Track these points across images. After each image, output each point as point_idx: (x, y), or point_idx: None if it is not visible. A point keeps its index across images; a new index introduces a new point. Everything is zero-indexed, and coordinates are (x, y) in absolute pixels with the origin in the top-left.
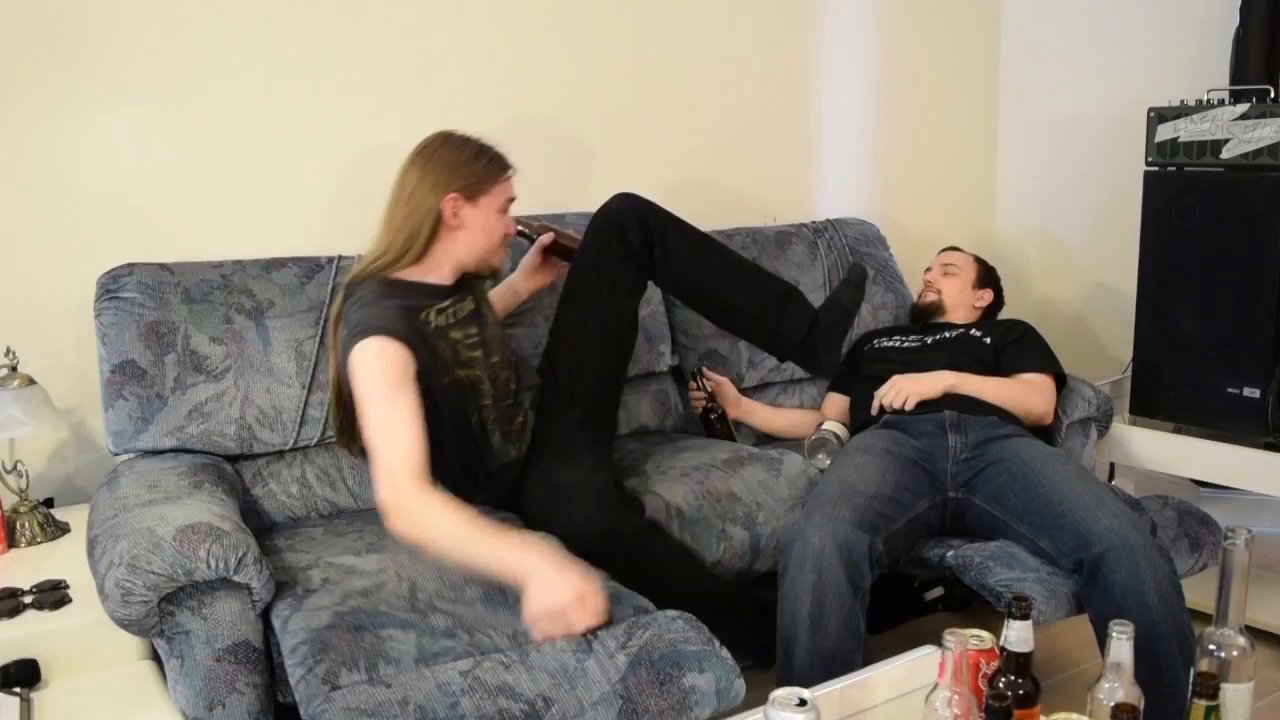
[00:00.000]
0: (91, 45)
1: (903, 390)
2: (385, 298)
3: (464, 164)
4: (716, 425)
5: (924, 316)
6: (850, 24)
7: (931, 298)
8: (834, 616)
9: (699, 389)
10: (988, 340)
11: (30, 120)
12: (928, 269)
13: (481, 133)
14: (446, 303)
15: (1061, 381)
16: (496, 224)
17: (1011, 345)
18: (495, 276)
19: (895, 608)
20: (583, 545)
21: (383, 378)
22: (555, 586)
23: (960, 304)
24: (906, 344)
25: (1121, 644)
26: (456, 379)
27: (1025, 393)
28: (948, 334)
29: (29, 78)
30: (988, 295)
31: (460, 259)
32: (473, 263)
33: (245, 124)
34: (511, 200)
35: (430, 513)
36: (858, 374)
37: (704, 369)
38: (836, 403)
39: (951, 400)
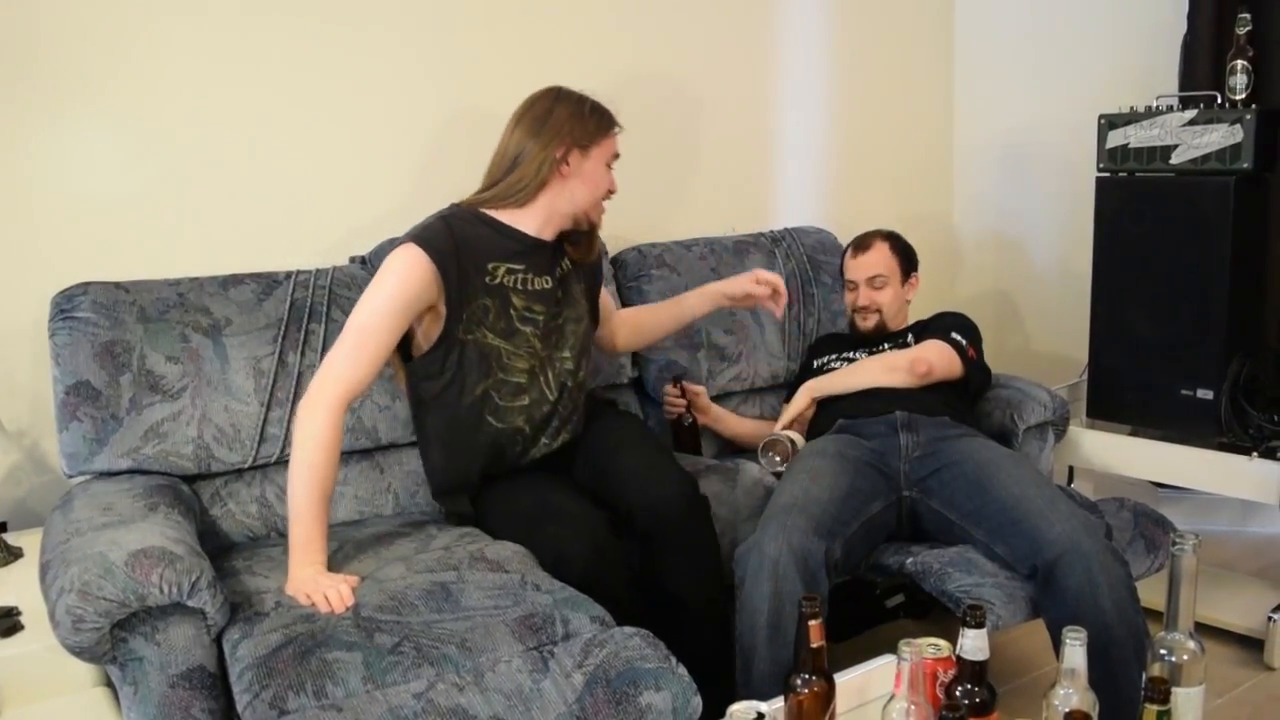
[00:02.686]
0: (47, 64)
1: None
2: (467, 224)
3: (580, 117)
4: (685, 435)
5: (865, 335)
6: (806, 34)
7: (872, 321)
8: (792, 625)
9: (680, 395)
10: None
11: None
12: (851, 286)
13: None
14: (521, 266)
15: (960, 350)
16: (603, 177)
17: (929, 330)
18: (592, 234)
19: (857, 615)
20: (668, 514)
21: (392, 291)
22: (297, 588)
23: (898, 311)
24: (841, 365)
25: (1075, 650)
26: (484, 342)
27: (897, 361)
28: (886, 348)
29: None
30: (915, 281)
31: (562, 210)
32: (572, 214)
33: (201, 140)
34: (616, 156)
35: (307, 439)
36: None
37: (683, 380)
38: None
39: (902, 401)
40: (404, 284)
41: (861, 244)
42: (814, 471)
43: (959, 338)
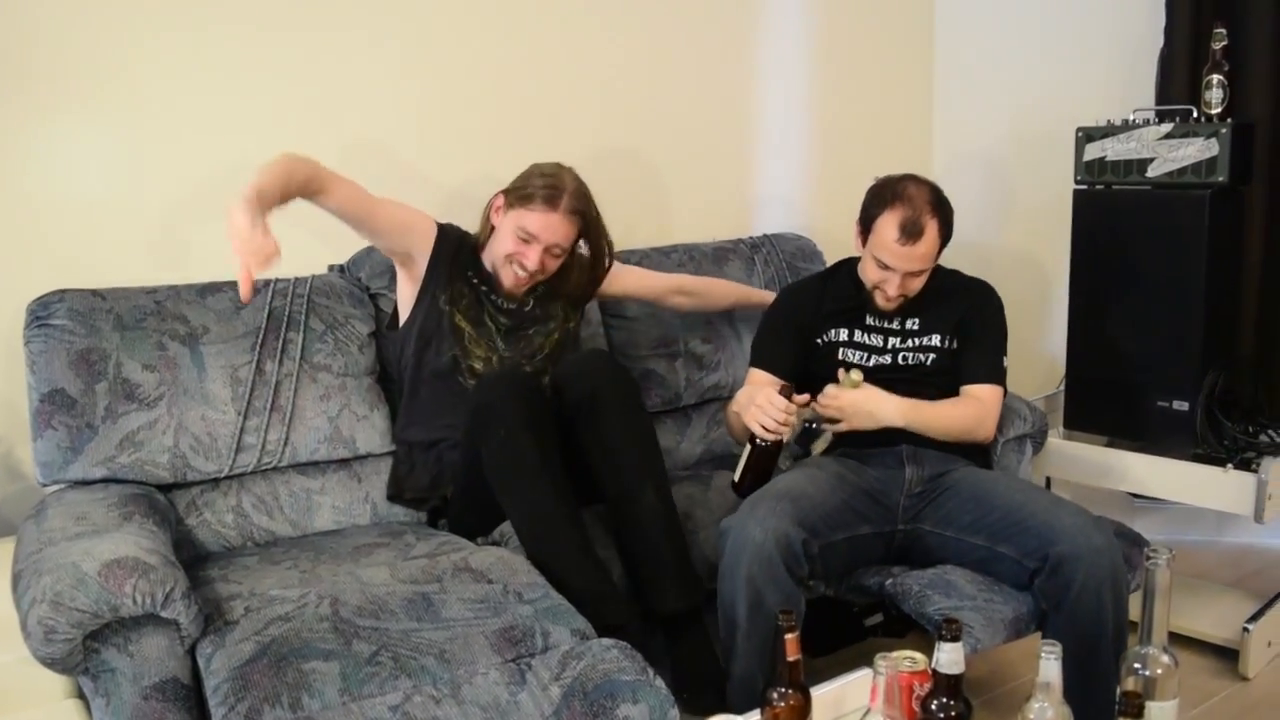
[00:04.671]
0: (24, 72)
1: (849, 422)
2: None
3: (524, 177)
4: (766, 461)
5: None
6: (786, 44)
7: (896, 304)
8: (773, 596)
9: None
10: (955, 346)
11: None
12: (882, 265)
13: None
14: (489, 288)
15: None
16: (507, 238)
17: (972, 342)
18: (514, 297)
19: (835, 634)
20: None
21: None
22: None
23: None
24: (874, 361)
25: (1050, 664)
26: (454, 321)
27: (975, 421)
28: (922, 355)
29: None
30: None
31: (490, 260)
32: (491, 266)
33: (179, 147)
34: (532, 236)
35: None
36: (810, 370)
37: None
38: (768, 380)
39: (908, 433)
40: (415, 213)
41: (913, 229)
42: (813, 477)
43: (1005, 365)
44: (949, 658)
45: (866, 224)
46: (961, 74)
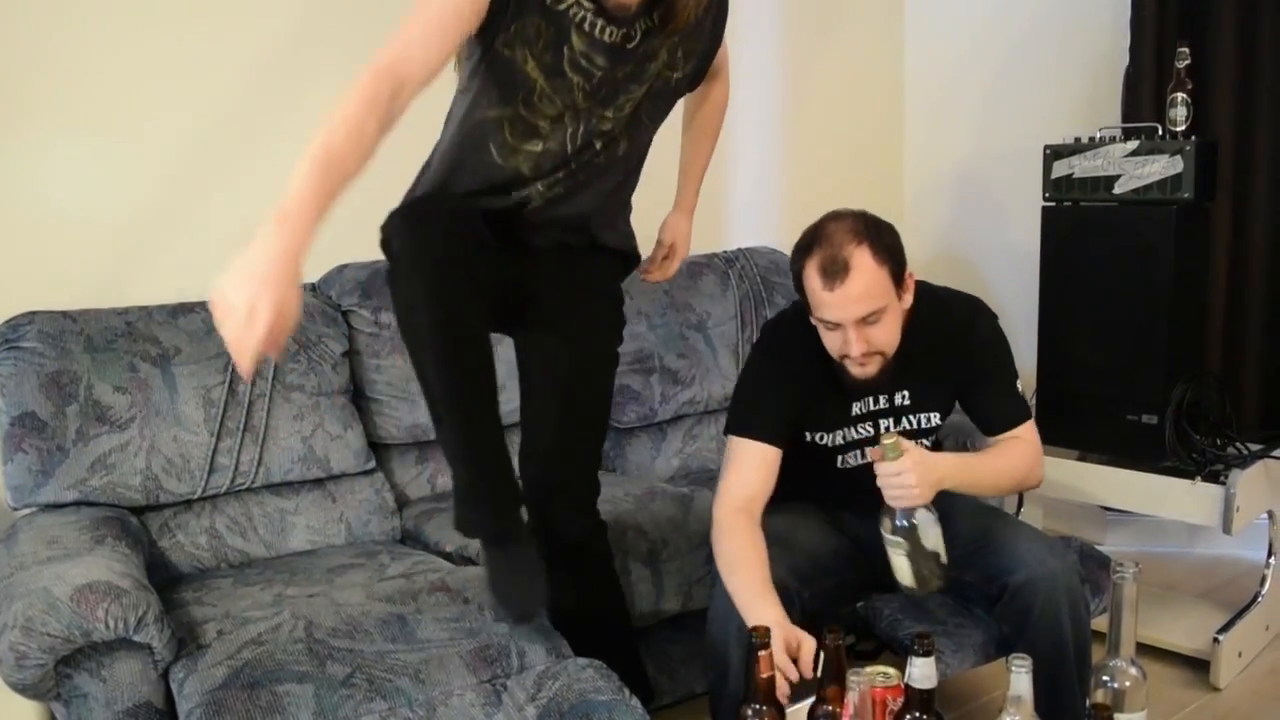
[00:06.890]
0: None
1: (913, 497)
2: None
3: None
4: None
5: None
6: (758, 59)
7: (875, 366)
8: None
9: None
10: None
11: None
12: (830, 326)
13: None
14: (594, 6)
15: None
16: None
17: (984, 393)
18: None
19: None
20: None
21: None
22: (240, 281)
23: (897, 339)
24: (868, 461)
25: (1020, 678)
26: (518, 67)
27: (1027, 469)
28: (918, 430)
29: None
30: (910, 281)
31: None
32: None
33: (149, 166)
34: None
35: (335, 117)
36: (801, 454)
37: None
38: (763, 457)
39: None
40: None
41: (833, 267)
42: (804, 524)
43: (1023, 391)
44: (922, 672)
45: (799, 286)
46: (932, 92)
